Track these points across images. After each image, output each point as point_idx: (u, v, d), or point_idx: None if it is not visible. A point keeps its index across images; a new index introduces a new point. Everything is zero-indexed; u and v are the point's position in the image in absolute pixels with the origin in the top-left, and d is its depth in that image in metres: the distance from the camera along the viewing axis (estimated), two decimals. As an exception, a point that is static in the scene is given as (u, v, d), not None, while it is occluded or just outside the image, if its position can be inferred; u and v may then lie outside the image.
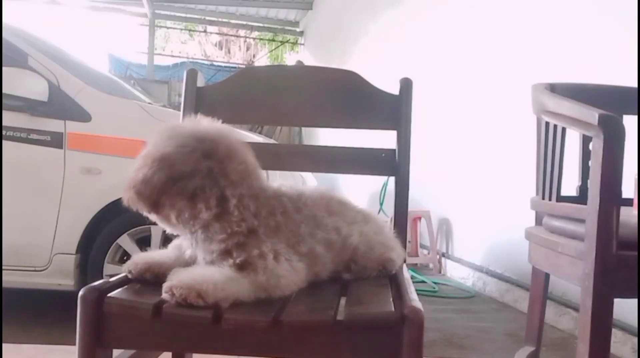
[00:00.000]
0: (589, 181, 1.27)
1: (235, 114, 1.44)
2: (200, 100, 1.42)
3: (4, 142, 2.49)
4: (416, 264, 4.45)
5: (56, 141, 2.54)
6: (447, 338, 2.66)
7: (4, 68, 2.46)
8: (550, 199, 1.51)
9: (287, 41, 13.01)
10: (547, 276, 1.65)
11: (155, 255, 1.06)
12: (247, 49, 16.38)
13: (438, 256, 4.44)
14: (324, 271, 1.08)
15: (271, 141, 3.58)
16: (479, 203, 3.88)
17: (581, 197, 1.54)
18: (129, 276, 1.01)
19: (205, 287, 0.86)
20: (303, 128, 9.14)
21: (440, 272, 4.38)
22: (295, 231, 1.04)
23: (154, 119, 2.66)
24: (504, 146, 3.53)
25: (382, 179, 4.94)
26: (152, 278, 0.99)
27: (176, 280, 0.88)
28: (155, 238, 2.64)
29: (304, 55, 10.93)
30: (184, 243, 1.04)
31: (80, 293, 0.90)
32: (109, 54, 12.17)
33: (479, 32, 3.95)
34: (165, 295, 0.87)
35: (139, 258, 1.04)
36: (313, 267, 1.04)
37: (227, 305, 0.87)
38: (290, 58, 13.57)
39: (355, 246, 1.12)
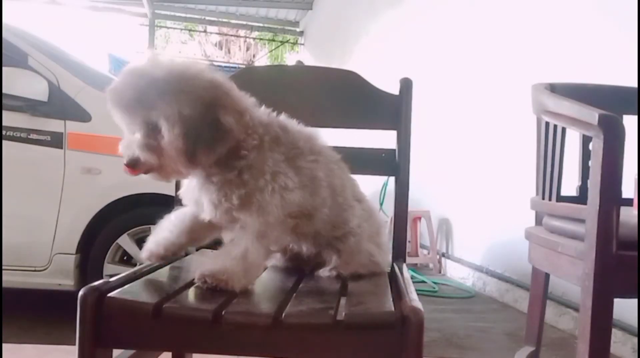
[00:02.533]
0: (589, 181, 1.27)
1: (235, 114, 1.44)
2: (200, 100, 1.41)
3: (4, 142, 2.49)
4: (416, 264, 4.45)
5: (56, 141, 2.54)
6: (447, 338, 2.66)
7: (4, 68, 2.46)
8: (550, 199, 1.51)
9: (287, 41, 13.01)
10: (547, 276, 1.65)
11: (165, 235, 1.12)
12: (247, 49, 16.38)
13: (438, 256, 4.44)
14: (319, 219, 1.07)
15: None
16: (479, 203, 3.88)
17: (581, 197, 1.53)
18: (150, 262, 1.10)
19: (235, 278, 0.95)
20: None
21: (440, 272, 4.38)
22: (295, 144, 1.05)
23: (154, 119, 2.66)
24: (504, 146, 3.53)
25: (382, 179, 4.93)
26: (171, 257, 1.07)
27: (207, 270, 0.96)
28: (155, 238, 2.64)
29: (304, 55, 10.92)
30: (194, 185, 1.05)
31: (80, 293, 0.90)
32: (109, 54, 12.15)
33: (479, 32, 3.95)
34: (198, 282, 0.96)
35: (153, 245, 1.12)
36: (315, 193, 1.04)
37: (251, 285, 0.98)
38: (290, 58, 13.57)
39: (351, 229, 1.12)
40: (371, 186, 5.57)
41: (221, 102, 0.96)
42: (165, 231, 1.13)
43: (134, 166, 0.97)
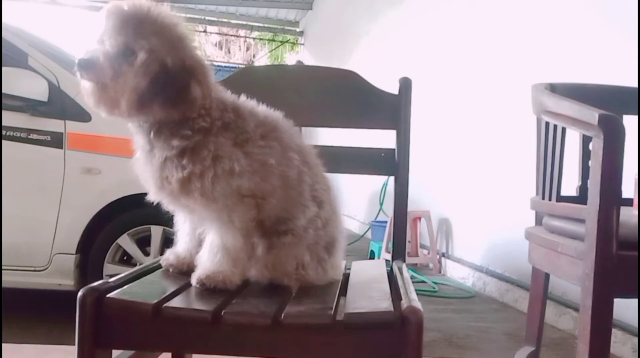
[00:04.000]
0: (589, 181, 1.27)
1: (235, 114, 1.44)
2: (200, 100, 1.41)
3: (4, 142, 2.49)
4: (416, 264, 4.45)
5: (56, 141, 2.54)
6: (447, 338, 2.66)
7: (4, 68, 2.46)
8: (550, 199, 1.51)
9: (287, 41, 13.00)
10: (547, 276, 1.65)
11: (184, 246, 1.13)
12: (247, 49, 16.38)
13: (438, 256, 4.43)
14: (264, 209, 1.00)
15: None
16: (479, 203, 3.88)
17: (581, 197, 1.53)
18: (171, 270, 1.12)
19: (230, 274, 0.98)
20: (303, 128, 9.13)
21: (440, 272, 4.37)
22: (243, 129, 1.00)
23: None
24: (504, 146, 3.53)
25: (382, 179, 4.94)
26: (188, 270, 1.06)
27: (203, 274, 0.98)
28: (155, 238, 2.64)
29: (304, 55, 10.92)
30: (140, 141, 1.01)
31: (80, 293, 0.90)
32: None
33: (479, 32, 3.95)
34: (196, 285, 0.98)
35: (173, 256, 1.13)
36: (265, 179, 0.99)
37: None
38: (290, 58, 13.57)
39: (294, 227, 1.04)
40: (371, 186, 5.58)
41: (198, 76, 0.96)
42: (182, 242, 1.12)
43: (85, 66, 0.95)
